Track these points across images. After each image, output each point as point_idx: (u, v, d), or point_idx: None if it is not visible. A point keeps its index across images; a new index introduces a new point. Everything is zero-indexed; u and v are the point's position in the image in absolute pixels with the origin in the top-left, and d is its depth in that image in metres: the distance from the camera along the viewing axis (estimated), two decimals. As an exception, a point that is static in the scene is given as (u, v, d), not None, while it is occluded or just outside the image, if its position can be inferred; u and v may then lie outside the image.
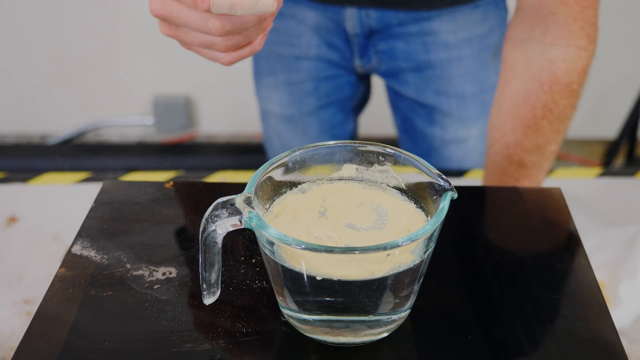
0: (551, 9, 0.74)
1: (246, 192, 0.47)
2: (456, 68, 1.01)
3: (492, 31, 1.00)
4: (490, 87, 1.04)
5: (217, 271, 0.49)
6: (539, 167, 0.82)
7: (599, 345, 0.50)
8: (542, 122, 0.78)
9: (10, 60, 2.10)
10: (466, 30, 0.99)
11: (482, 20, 0.99)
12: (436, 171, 0.49)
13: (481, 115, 1.05)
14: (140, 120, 2.21)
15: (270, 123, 1.16)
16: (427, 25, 0.98)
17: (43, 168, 1.50)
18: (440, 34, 0.99)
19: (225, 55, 0.58)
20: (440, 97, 1.04)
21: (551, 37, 0.75)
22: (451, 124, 1.06)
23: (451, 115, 1.05)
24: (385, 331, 0.50)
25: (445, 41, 0.99)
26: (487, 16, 0.99)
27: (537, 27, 0.76)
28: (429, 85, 1.04)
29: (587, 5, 0.73)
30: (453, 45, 1.00)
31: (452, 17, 0.97)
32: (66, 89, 2.15)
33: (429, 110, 1.06)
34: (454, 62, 1.01)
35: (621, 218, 1.04)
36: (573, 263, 0.58)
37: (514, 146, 0.81)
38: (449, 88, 1.03)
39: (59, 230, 1.04)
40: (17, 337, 0.87)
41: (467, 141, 1.08)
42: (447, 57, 1.01)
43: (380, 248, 0.42)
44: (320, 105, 1.10)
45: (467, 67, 1.01)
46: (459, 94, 1.03)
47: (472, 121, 1.06)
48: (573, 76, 0.76)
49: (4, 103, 2.18)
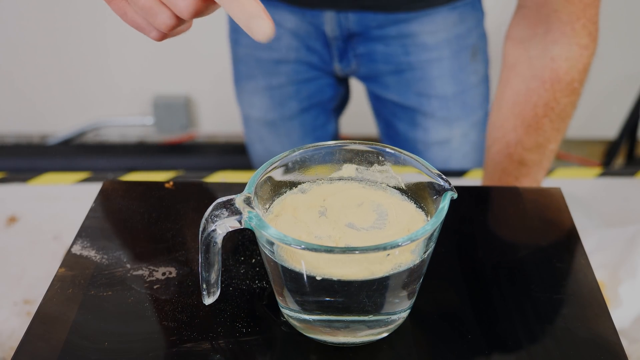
0: (555, 7, 0.74)
1: (246, 192, 0.47)
2: (436, 69, 1.02)
3: (469, 32, 1.02)
4: (470, 87, 1.05)
5: (217, 271, 0.49)
6: (539, 166, 0.82)
7: (599, 345, 0.50)
8: (543, 120, 0.79)
9: (10, 60, 2.10)
10: (445, 31, 1.00)
11: (460, 22, 1.00)
12: (436, 171, 0.49)
13: (463, 116, 1.06)
14: (140, 120, 2.21)
15: (252, 128, 1.16)
16: (406, 27, 0.99)
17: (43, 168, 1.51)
18: (419, 36, 1.00)
19: (158, 36, 0.52)
20: (422, 98, 1.05)
21: (553, 35, 0.76)
22: (433, 125, 1.07)
23: (433, 117, 1.06)
24: (385, 331, 0.50)
25: (425, 43, 1.00)
26: (465, 17, 1.00)
27: (539, 26, 0.76)
28: (409, 88, 1.04)
29: (590, 4, 0.73)
30: (432, 46, 1.01)
31: (430, 18, 0.98)
32: (66, 89, 2.15)
33: (411, 113, 1.07)
34: (434, 64, 1.02)
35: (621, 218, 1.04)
36: (573, 263, 0.58)
37: (514, 145, 0.81)
38: (430, 89, 1.04)
39: (59, 230, 1.04)
40: (17, 337, 0.87)
41: (450, 142, 1.09)
42: (427, 59, 1.01)
43: (380, 248, 0.42)
44: (302, 108, 1.11)
45: (447, 68, 1.02)
46: (440, 95, 1.04)
47: (454, 122, 1.07)
48: (574, 74, 0.76)
49: (4, 103, 2.18)
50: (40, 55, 2.08)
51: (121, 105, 2.19)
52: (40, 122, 2.22)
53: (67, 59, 2.09)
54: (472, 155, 1.12)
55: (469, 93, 1.05)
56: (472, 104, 1.07)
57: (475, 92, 1.06)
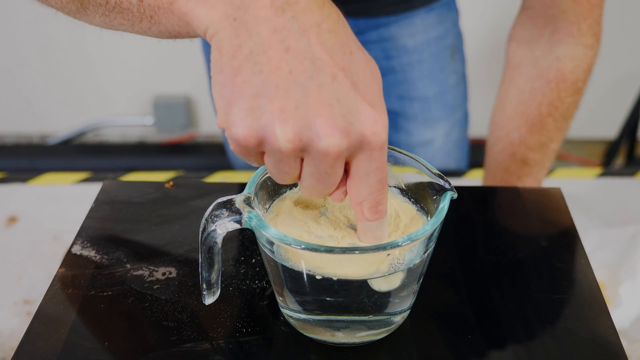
0: (562, 8, 0.74)
1: (246, 192, 0.47)
2: (417, 71, 1.03)
3: (447, 32, 1.03)
4: (450, 88, 1.06)
5: (217, 271, 0.49)
6: (541, 166, 0.82)
7: (599, 345, 0.50)
8: (547, 119, 0.79)
9: (10, 60, 2.10)
10: (424, 33, 1.00)
11: (438, 23, 1.01)
12: (436, 171, 0.49)
13: (444, 116, 1.07)
14: (140, 120, 2.21)
15: None
16: (386, 31, 0.99)
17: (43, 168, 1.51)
18: (399, 39, 1.00)
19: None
20: (404, 101, 1.05)
21: (560, 35, 0.76)
22: (416, 127, 1.07)
23: (416, 119, 1.06)
24: (385, 331, 0.50)
25: (405, 45, 1.01)
26: (442, 18, 1.01)
27: (546, 26, 0.77)
28: (391, 91, 1.05)
29: (596, 4, 0.73)
30: (412, 49, 1.01)
31: (409, 21, 0.99)
32: (66, 89, 2.15)
33: (393, 117, 1.07)
34: (415, 66, 1.03)
35: (621, 218, 1.04)
36: (573, 263, 0.58)
37: (518, 144, 0.81)
38: (412, 91, 1.04)
39: (59, 230, 1.04)
40: (17, 337, 0.87)
41: (433, 143, 1.09)
42: (408, 61, 1.02)
43: (380, 248, 0.42)
44: None
45: (427, 70, 1.03)
46: (422, 97, 1.05)
47: (437, 122, 1.07)
48: (579, 74, 0.77)
49: (4, 103, 2.18)
50: (40, 55, 2.08)
51: (121, 105, 2.19)
52: (40, 122, 2.22)
53: (67, 59, 2.09)
54: (455, 154, 1.13)
55: (449, 93, 1.06)
56: (453, 103, 1.08)
57: (455, 92, 1.07)
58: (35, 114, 2.20)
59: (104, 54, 2.09)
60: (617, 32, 1.97)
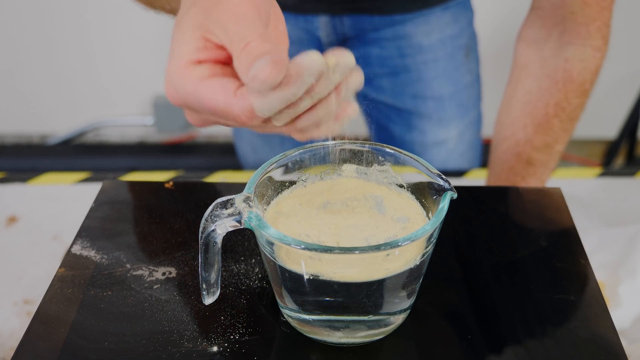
0: (572, 9, 0.74)
1: (246, 192, 0.47)
2: (432, 70, 1.03)
3: (462, 32, 1.02)
4: (464, 87, 1.05)
5: (217, 271, 0.49)
6: (545, 166, 0.82)
7: (599, 345, 0.50)
8: (554, 120, 0.79)
9: (10, 60, 2.10)
10: (439, 32, 1.00)
11: (453, 22, 1.01)
12: (436, 171, 0.49)
13: (458, 116, 1.07)
14: (140, 120, 2.21)
15: (244, 139, 1.16)
16: (402, 29, 0.99)
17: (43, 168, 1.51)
18: (414, 37, 1.00)
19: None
20: (418, 100, 1.05)
21: (568, 36, 0.76)
22: (430, 127, 1.07)
23: (430, 118, 1.06)
24: (385, 331, 0.50)
25: (420, 44, 1.00)
26: (457, 17, 1.01)
27: (555, 27, 0.77)
28: (405, 90, 1.04)
29: (606, 7, 0.73)
30: (427, 47, 1.01)
31: (425, 19, 0.99)
32: (66, 89, 2.15)
33: (407, 115, 1.07)
34: (429, 65, 1.02)
35: (621, 218, 1.04)
36: (573, 263, 0.58)
37: (523, 144, 0.81)
38: (426, 90, 1.04)
39: (59, 230, 1.04)
40: (17, 337, 0.87)
41: (447, 143, 1.09)
42: (423, 60, 1.02)
43: (380, 248, 0.42)
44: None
45: (442, 69, 1.03)
46: (436, 96, 1.04)
47: (451, 122, 1.07)
48: (587, 75, 0.77)
49: (4, 103, 2.18)
50: (40, 55, 2.08)
51: (121, 105, 2.19)
52: (40, 122, 2.22)
53: (67, 58, 2.09)
54: (469, 155, 1.12)
55: (463, 93, 1.05)
56: (467, 103, 1.07)
57: (469, 92, 1.07)
58: (35, 114, 2.20)
59: (104, 54, 2.09)
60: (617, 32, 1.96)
